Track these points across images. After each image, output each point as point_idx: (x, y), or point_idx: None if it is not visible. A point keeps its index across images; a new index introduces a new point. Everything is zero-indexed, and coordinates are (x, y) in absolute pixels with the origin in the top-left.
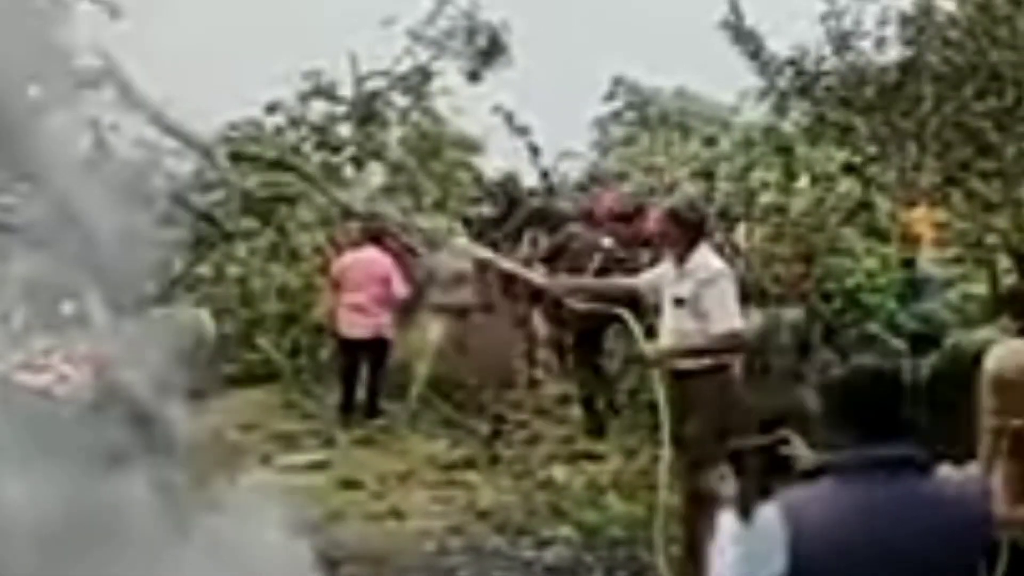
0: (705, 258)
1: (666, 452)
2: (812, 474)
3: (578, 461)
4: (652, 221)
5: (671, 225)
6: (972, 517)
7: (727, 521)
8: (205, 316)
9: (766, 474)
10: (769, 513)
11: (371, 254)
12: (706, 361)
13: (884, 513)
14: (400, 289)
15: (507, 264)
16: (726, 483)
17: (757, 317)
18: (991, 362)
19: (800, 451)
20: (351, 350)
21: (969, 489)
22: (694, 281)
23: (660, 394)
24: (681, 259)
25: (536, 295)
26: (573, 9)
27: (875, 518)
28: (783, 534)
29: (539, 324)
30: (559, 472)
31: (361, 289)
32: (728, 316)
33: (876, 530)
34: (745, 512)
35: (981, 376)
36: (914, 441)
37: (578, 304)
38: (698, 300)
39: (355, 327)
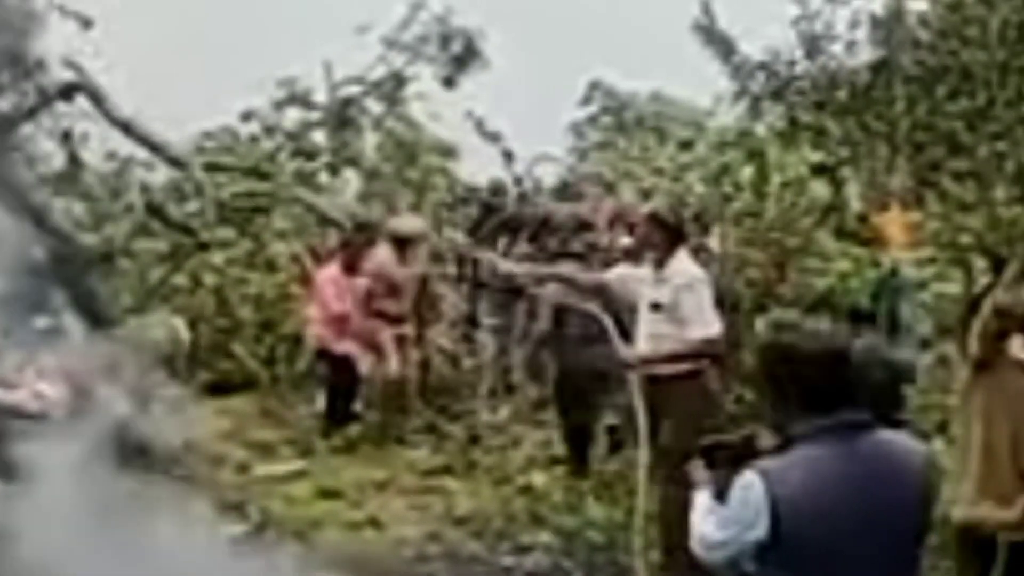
0: (684, 264)
1: (644, 456)
2: (780, 447)
3: (556, 466)
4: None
5: (652, 229)
6: (919, 465)
7: (702, 498)
8: (180, 325)
9: (736, 465)
10: (750, 479)
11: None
12: (683, 367)
13: (856, 466)
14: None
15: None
16: (698, 470)
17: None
18: None
19: (768, 445)
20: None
21: (910, 443)
22: (672, 287)
23: (637, 399)
24: (660, 263)
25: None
26: (547, 13)
27: (849, 471)
28: (766, 498)
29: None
30: (537, 478)
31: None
32: (706, 323)
33: (852, 481)
34: (719, 497)
35: None
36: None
37: (548, 294)
38: (676, 306)
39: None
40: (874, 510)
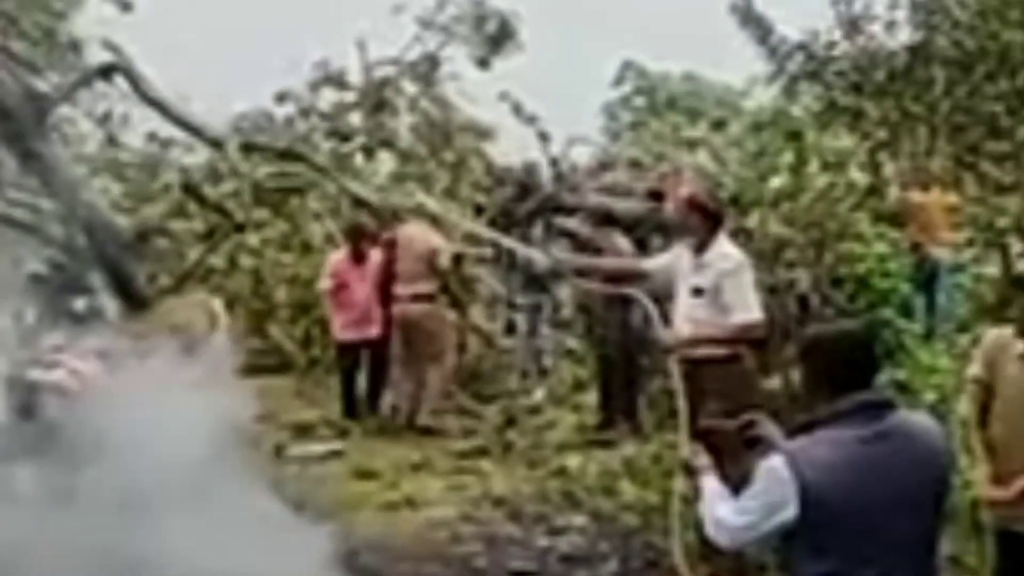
0: (725, 248)
1: (683, 439)
2: (803, 429)
3: (591, 448)
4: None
5: (692, 213)
6: (939, 442)
7: (710, 483)
8: (217, 305)
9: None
10: (776, 462)
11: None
12: (720, 350)
13: (879, 445)
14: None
15: (508, 242)
16: (700, 455)
17: None
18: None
19: (770, 431)
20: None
21: (929, 422)
22: (714, 271)
23: (677, 381)
24: (700, 248)
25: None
26: None
27: (872, 450)
28: (793, 480)
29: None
30: (572, 460)
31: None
32: (748, 307)
33: (876, 459)
34: (738, 486)
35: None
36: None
37: (590, 285)
38: (718, 291)
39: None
40: (899, 487)
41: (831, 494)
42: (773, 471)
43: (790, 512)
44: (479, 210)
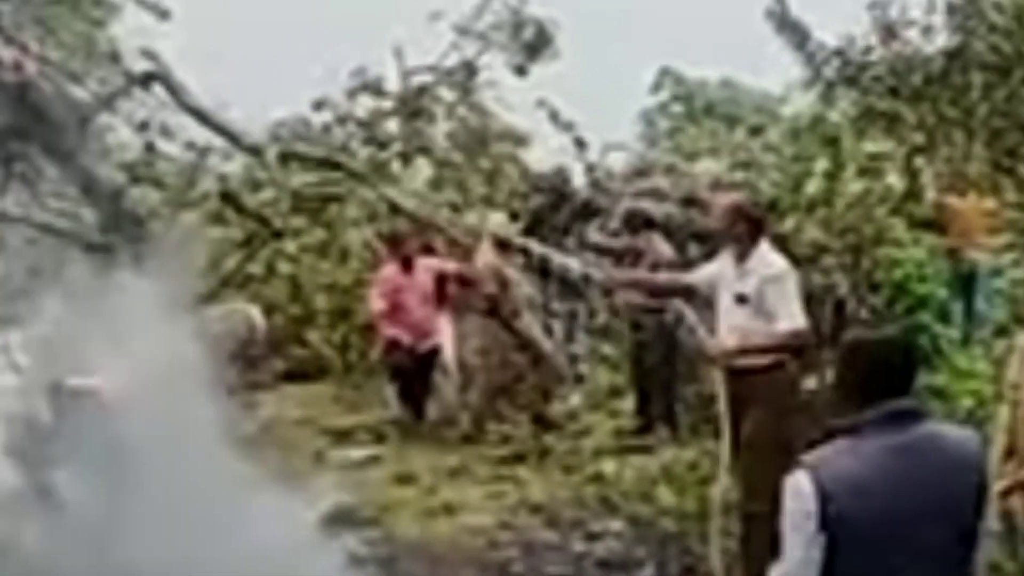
0: (768, 255)
1: (725, 447)
2: (830, 436)
3: (627, 454)
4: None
5: (736, 220)
6: (973, 453)
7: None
8: (256, 313)
9: None
10: (798, 477)
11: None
12: (767, 359)
13: (904, 455)
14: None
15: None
16: None
17: None
18: None
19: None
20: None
21: (965, 433)
22: (758, 278)
23: (720, 391)
24: (743, 256)
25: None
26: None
27: (897, 460)
28: (814, 491)
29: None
30: (608, 465)
31: None
32: (792, 315)
33: (900, 470)
34: None
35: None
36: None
37: (635, 298)
38: (762, 298)
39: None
40: (927, 497)
41: (853, 504)
42: (797, 488)
43: (811, 526)
44: (515, 217)
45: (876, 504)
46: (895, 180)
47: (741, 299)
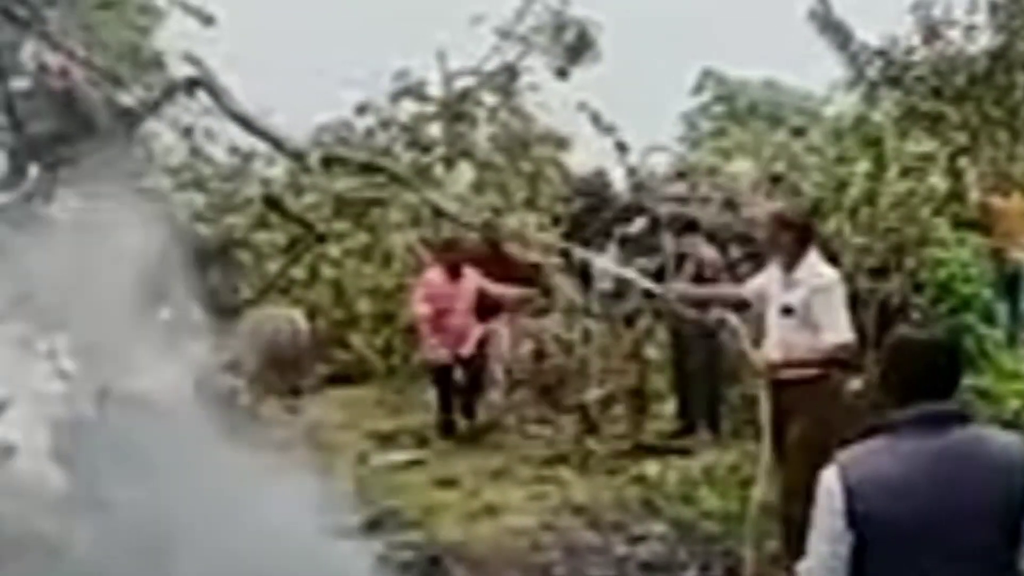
0: (817, 265)
1: (766, 454)
2: (867, 435)
3: (669, 456)
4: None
5: (780, 230)
6: (1018, 458)
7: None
8: (299, 316)
9: None
10: (828, 473)
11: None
12: (809, 371)
13: (944, 456)
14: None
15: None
16: None
17: None
18: None
19: None
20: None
21: (1011, 437)
22: (805, 288)
23: (763, 401)
24: (790, 266)
25: None
26: (659, 3)
27: (936, 460)
28: (841, 487)
29: None
30: (651, 468)
31: None
32: (838, 328)
33: (938, 471)
34: None
35: None
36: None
37: (686, 312)
38: (808, 309)
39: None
40: (961, 502)
41: (882, 503)
42: (825, 482)
43: (839, 524)
44: (556, 220)
45: (907, 504)
46: (939, 181)
47: (787, 310)
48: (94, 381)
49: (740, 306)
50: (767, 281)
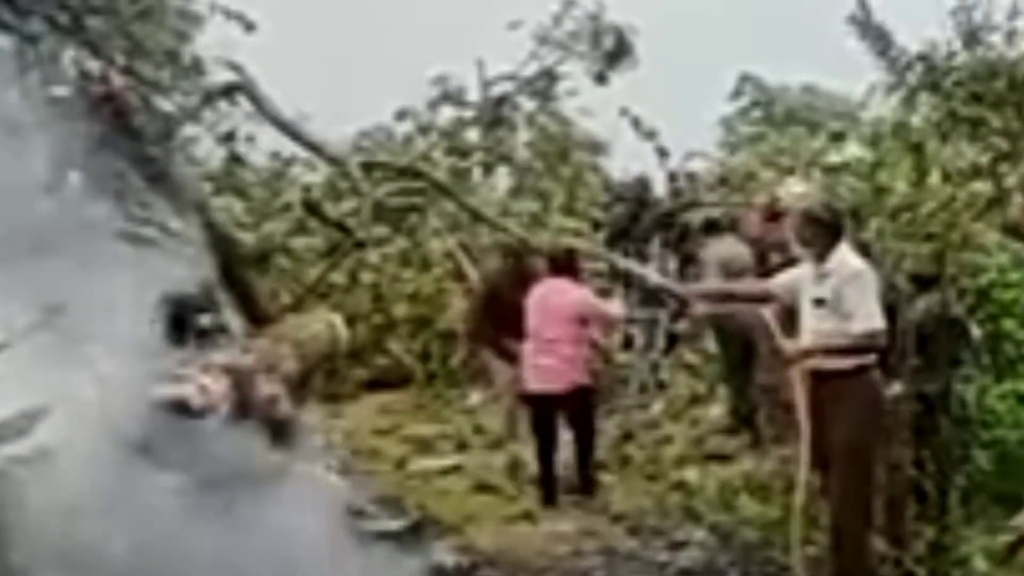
0: (847, 256)
1: (805, 452)
2: None
3: (709, 462)
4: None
5: (807, 227)
6: None
7: None
8: (339, 322)
9: None
10: None
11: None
12: (848, 362)
13: None
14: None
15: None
16: None
17: None
18: None
19: None
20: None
21: None
22: (837, 278)
23: (800, 395)
24: (820, 259)
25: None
26: (696, 7)
27: None
28: None
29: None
30: (691, 474)
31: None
32: (868, 315)
33: None
34: None
35: None
36: None
37: (707, 307)
38: (840, 299)
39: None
40: None
41: None
42: None
43: None
44: (596, 226)
45: None
46: (980, 185)
47: (819, 302)
48: (133, 388)
49: (764, 300)
50: (799, 276)
